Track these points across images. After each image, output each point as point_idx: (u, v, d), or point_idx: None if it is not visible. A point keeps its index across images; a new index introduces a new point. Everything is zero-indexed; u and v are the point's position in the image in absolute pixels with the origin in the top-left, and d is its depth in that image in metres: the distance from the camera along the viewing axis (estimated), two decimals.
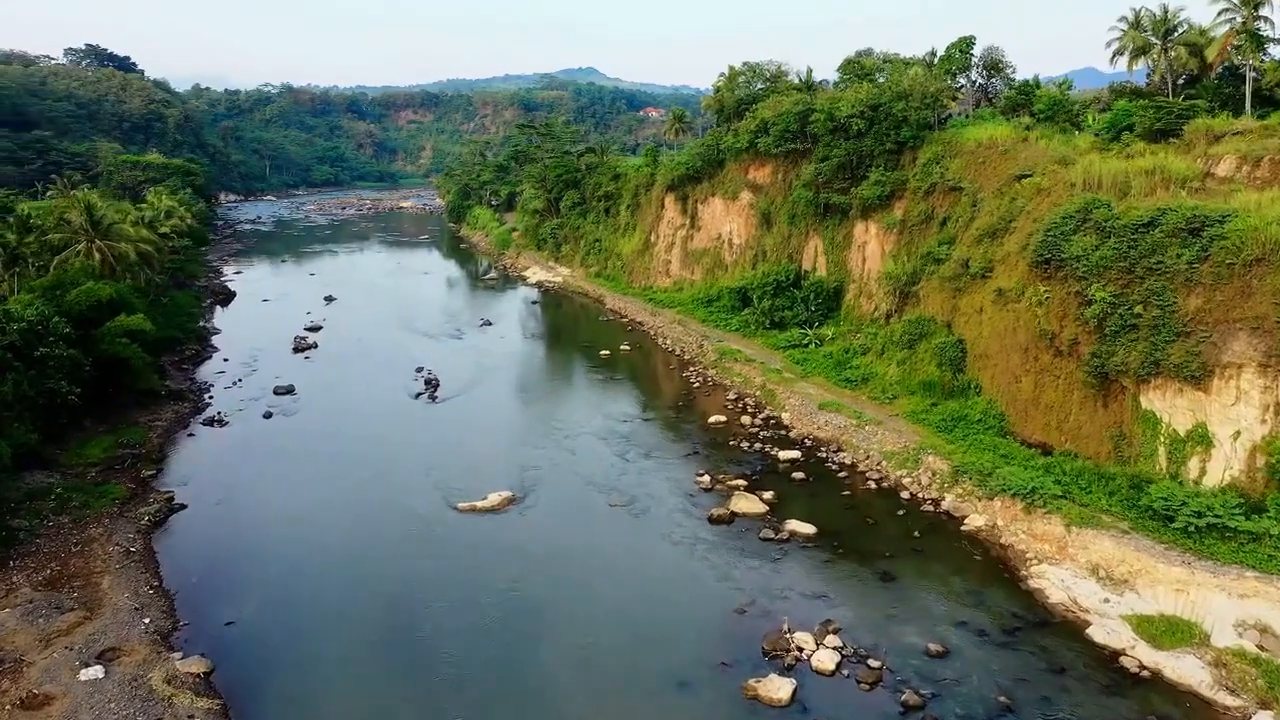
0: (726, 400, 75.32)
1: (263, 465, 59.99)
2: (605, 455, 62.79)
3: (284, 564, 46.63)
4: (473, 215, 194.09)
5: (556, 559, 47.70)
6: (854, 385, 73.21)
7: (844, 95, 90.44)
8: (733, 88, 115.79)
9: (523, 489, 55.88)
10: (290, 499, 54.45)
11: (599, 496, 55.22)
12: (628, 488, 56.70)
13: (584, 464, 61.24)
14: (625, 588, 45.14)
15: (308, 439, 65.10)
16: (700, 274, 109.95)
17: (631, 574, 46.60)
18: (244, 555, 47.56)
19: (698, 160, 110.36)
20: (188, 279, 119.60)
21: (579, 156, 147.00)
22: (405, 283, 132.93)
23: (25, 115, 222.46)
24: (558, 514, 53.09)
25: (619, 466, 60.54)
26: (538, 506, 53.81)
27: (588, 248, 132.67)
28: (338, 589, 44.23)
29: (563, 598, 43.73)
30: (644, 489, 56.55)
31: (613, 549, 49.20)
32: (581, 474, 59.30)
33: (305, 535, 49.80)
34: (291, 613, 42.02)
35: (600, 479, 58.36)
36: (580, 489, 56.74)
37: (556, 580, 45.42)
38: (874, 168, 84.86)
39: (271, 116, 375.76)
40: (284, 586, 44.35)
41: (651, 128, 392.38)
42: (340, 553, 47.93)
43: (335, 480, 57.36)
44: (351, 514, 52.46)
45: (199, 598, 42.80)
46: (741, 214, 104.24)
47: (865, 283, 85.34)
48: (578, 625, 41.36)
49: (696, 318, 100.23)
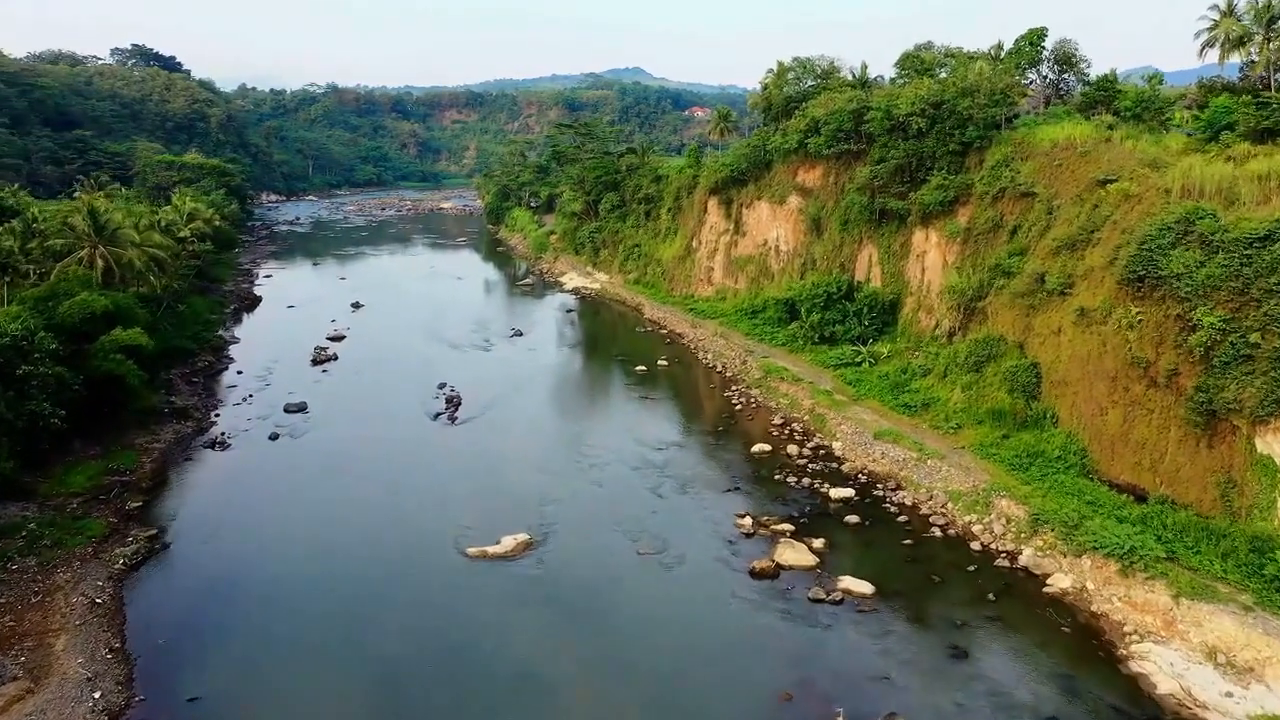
0: (772, 425, 68.82)
1: (259, 499, 54.67)
2: (636, 489, 56.68)
3: (266, 625, 41.09)
4: (511, 217, 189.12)
5: (575, 621, 41.69)
6: (913, 411, 66.29)
7: (902, 92, 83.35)
8: (781, 85, 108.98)
9: (542, 530, 49.91)
10: (284, 542, 49.01)
11: (627, 542, 49.06)
12: (660, 530, 50.50)
13: (612, 499, 55.19)
14: (653, 662, 38.94)
15: (312, 468, 59.76)
16: (744, 283, 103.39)
17: (661, 644, 40.37)
18: (223, 611, 42.07)
19: (743, 161, 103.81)
20: (213, 283, 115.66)
21: (619, 157, 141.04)
22: (437, 288, 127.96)
23: (68, 115, 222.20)
24: (579, 563, 47.04)
25: (651, 503, 54.35)
26: (557, 553, 47.80)
27: (626, 253, 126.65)
28: (325, 658, 38.61)
29: (580, 673, 37.70)
30: (678, 532, 50.31)
31: (640, 610, 43.05)
32: (609, 512, 53.21)
33: (295, 589, 44.27)
34: (268, 688, 36.45)
35: (629, 518, 52.23)
36: (606, 531, 50.64)
37: (573, 650, 39.40)
38: (936, 170, 77.80)
39: (316, 116, 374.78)
40: (263, 653, 38.83)
41: (697, 127, 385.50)
42: (332, 610, 42.30)
43: (335, 519, 51.82)
44: (349, 561, 46.89)
45: (164, 664, 37.40)
46: (789, 219, 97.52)
47: (924, 296, 78.24)
48: (596, 711, 35.30)
49: (740, 330, 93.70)
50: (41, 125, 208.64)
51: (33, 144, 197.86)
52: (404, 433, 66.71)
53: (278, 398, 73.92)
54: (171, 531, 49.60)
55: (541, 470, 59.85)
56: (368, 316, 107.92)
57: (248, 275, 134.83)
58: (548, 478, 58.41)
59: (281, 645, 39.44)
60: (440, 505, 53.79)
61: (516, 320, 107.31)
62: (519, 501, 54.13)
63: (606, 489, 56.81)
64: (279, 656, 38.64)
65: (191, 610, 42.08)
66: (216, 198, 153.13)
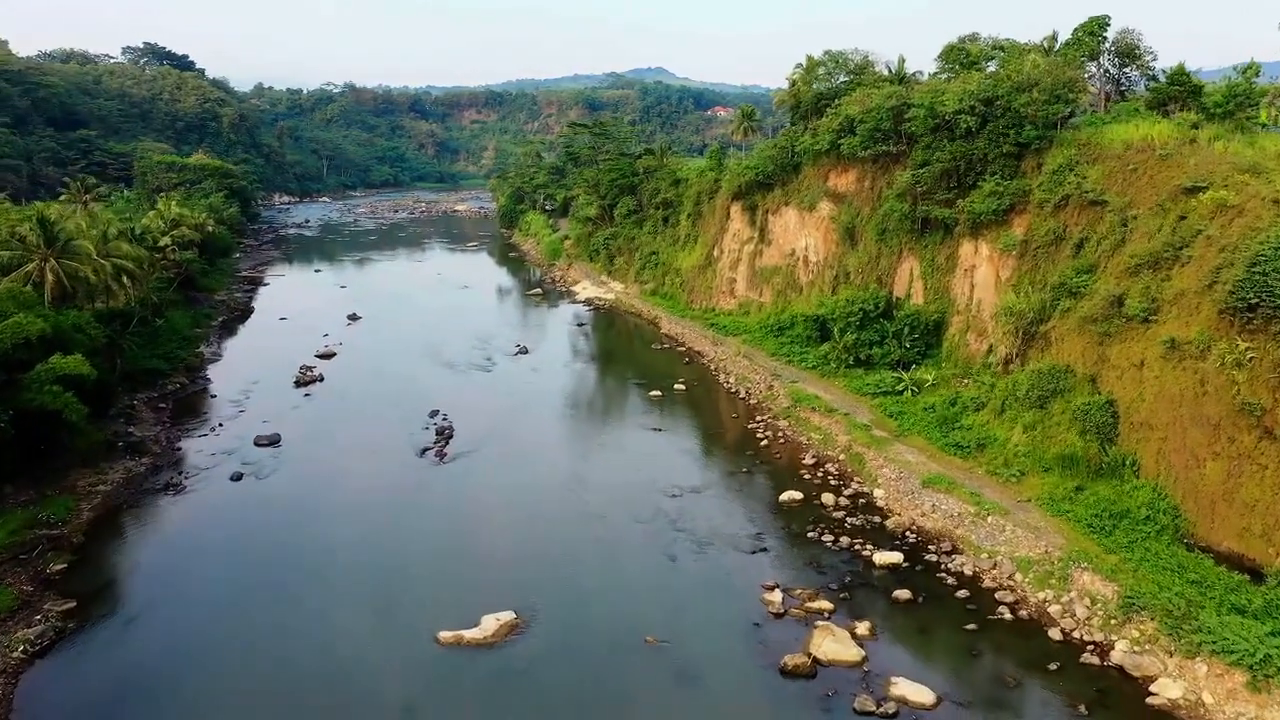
0: (802, 465, 60.45)
1: (203, 563, 46.71)
2: (646, 548, 48.49)
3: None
4: (525, 221, 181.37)
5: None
6: (966, 453, 57.71)
7: (948, 87, 74.75)
8: (811, 81, 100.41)
9: (530, 606, 41.77)
10: (222, 622, 41.05)
11: (632, 624, 40.82)
12: (673, 607, 42.33)
13: (616, 564, 47.09)
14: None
15: (272, 519, 51.89)
16: (770, 296, 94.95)
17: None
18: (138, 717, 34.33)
19: (769, 164, 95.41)
20: (202, 293, 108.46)
21: (636, 159, 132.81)
22: (441, 298, 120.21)
23: (75, 114, 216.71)
24: (572, 656, 38.82)
25: (662, 570, 46.14)
26: (546, 640, 39.65)
27: (643, 261, 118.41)
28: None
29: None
30: (694, 611, 42.11)
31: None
32: (612, 582, 45.11)
33: (227, 688, 36.35)
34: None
35: (636, 590, 44.18)
36: (608, 609, 42.49)
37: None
38: (988, 175, 69.23)
39: (333, 116, 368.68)
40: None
41: (720, 128, 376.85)
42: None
43: (288, 592, 43.86)
44: (298, 651, 38.97)
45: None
46: (819, 227, 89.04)
47: (974, 316, 69.64)
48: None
49: (765, 350, 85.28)
50: (45, 125, 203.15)
51: (35, 144, 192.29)
52: (384, 473, 58.77)
53: (250, 427, 66.28)
54: (94, 605, 41.88)
55: (536, 523, 51.73)
56: (363, 330, 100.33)
57: (245, 283, 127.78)
58: (542, 533, 50.30)
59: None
60: (415, 572, 45.76)
61: (523, 334, 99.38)
62: (506, 566, 46.13)
63: (610, 549, 48.67)
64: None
65: (98, 716, 34.33)
66: (215, 201, 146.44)
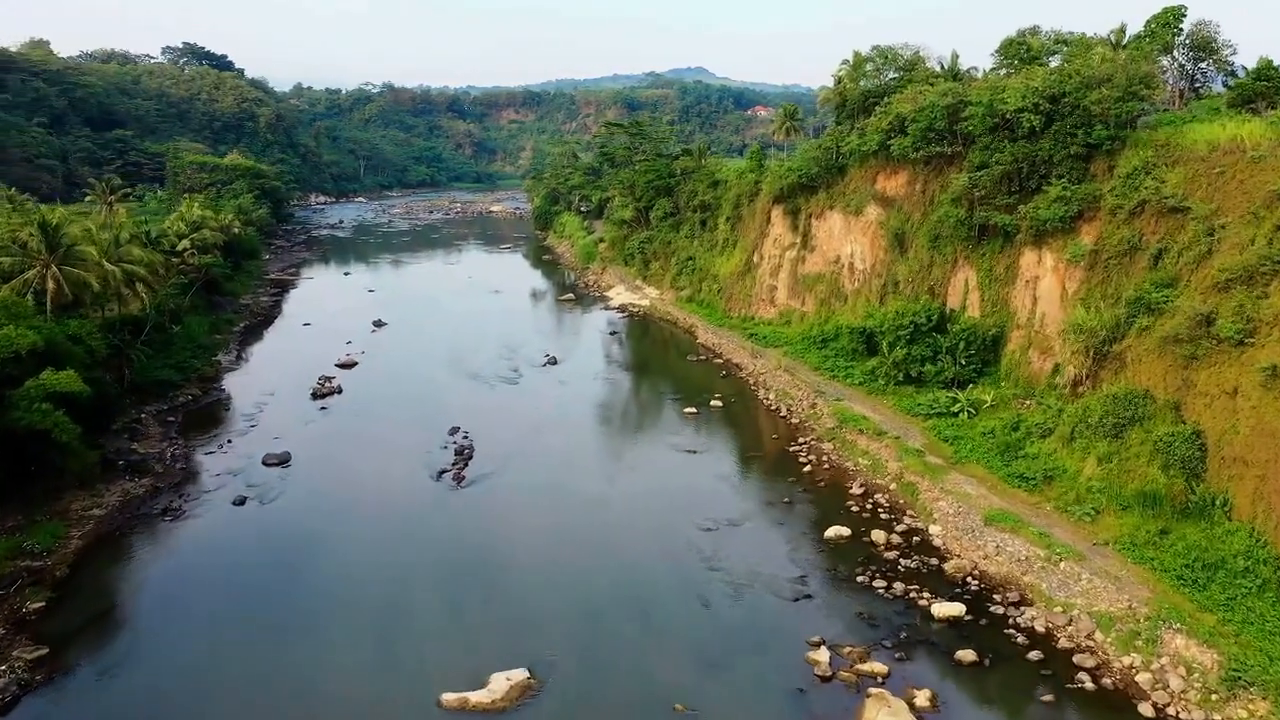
0: (850, 494, 55.47)
1: (192, 602, 42.80)
2: (676, 592, 43.89)
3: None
4: (559, 223, 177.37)
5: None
6: (1031, 485, 52.40)
7: (1009, 83, 69.29)
8: (858, 77, 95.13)
9: (546, 662, 37.36)
10: (203, 674, 37.09)
11: (660, 687, 36.24)
12: (706, 666, 37.70)
13: (644, 610, 42.47)
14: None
15: (271, 552, 48.00)
16: (812, 305, 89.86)
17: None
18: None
19: (812, 166, 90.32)
20: (226, 298, 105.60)
21: (673, 160, 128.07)
22: (470, 303, 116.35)
23: (112, 114, 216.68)
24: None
25: (695, 619, 41.51)
26: (561, 704, 35.18)
27: (679, 266, 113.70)
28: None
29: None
30: (730, 671, 37.46)
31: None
32: (639, 633, 40.57)
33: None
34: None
35: (666, 644, 39.62)
36: (633, 666, 37.99)
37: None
38: (1053, 179, 63.72)
39: (371, 116, 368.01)
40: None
41: (760, 127, 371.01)
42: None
43: (280, 638, 39.87)
44: (281, 713, 34.85)
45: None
46: (866, 233, 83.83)
47: (1037, 331, 64.18)
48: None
49: (808, 363, 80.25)
50: (82, 125, 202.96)
51: (71, 144, 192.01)
52: (396, 499, 54.71)
53: (260, 444, 62.65)
54: (68, 652, 38.10)
55: (556, 560, 47.27)
56: (387, 337, 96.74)
57: (272, 286, 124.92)
58: (563, 573, 45.84)
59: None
60: (420, 619, 41.53)
61: (553, 342, 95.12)
62: (521, 612, 41.78)
63: (638, 593, 44.08)
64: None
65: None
66: (245, 202, 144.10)
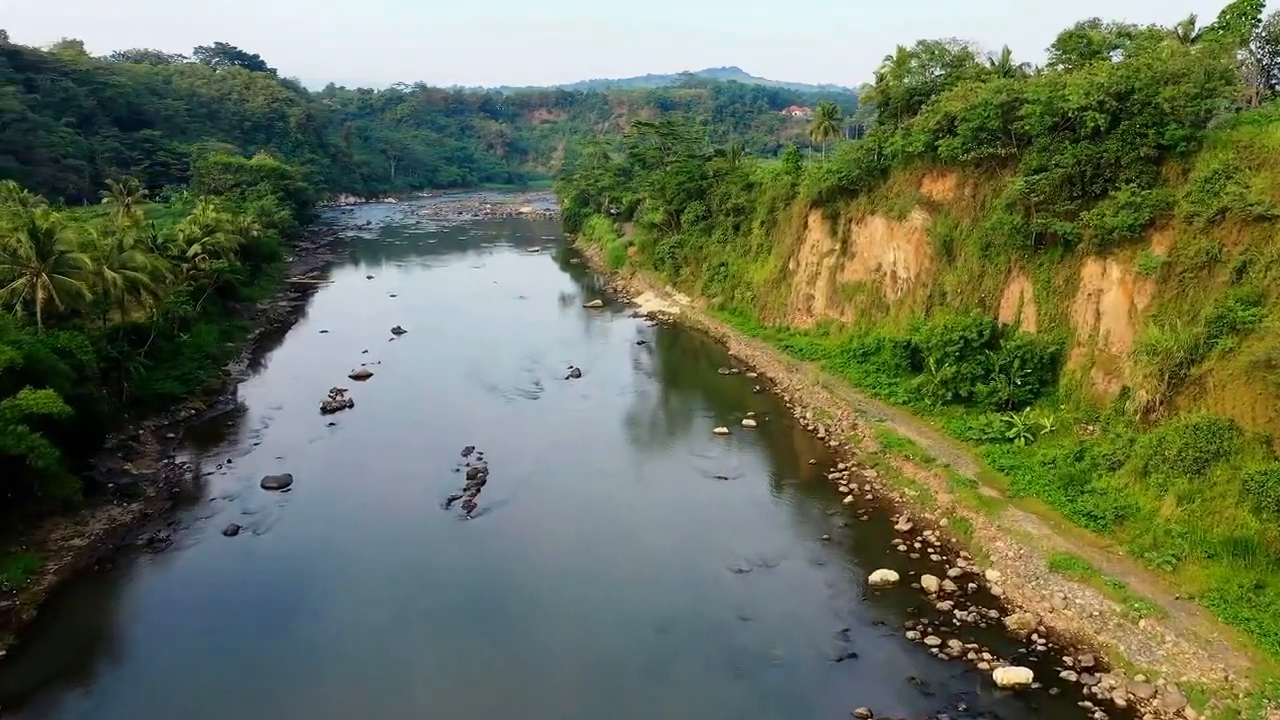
0: (896, 530, 50.45)
1: (162, 654, 38.66)
2: (705, 649, 39.15)
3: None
4: (589, 225, 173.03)
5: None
6: (1100, 525, 47.11)
7: (1070, 80, 63.81)
8: (902, 74, 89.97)
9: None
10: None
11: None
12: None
13: (667, 673, 37.75)
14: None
15: (257, 593, 43.86)
16: (852, 315, 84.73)
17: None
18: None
19: (853, 168, 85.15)
20: (242, 303, 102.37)
21: (705, 161, 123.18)
22: (494, 309, 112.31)
23: (141, 114, 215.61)
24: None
25: (725, 685, 36.74)
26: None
27: (711, 272, 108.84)
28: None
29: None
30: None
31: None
32: (660, 699, 35.93)
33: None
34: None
35: (693, 712, 34.94)
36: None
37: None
38: (1120, 183, 58.30)
39: (403, 116, 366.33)
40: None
41: (795, 127, 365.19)
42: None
43: (250, 704, 35.65)
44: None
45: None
46: (911, 239, 78.63)
47: (1101, 350, 58.74)
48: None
49: (847, 378, 75.24)
50: (111, 124, 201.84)
51: (99, 144, 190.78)
52: (400, 531, 50.41)
53: (261, 464, 58.82)
54: (22, 715, 34.13)
55: (570, 610, 42.67)
56: (406, 346, 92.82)
57: (292, 290, 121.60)
58: (576, 625, 41.26)
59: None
60: (417, 678, 37.16)
61: (577, 353, 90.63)
62: (526, 672, 37.33)
63: (660, 647, 39.38)
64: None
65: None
66: (267, 203, 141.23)
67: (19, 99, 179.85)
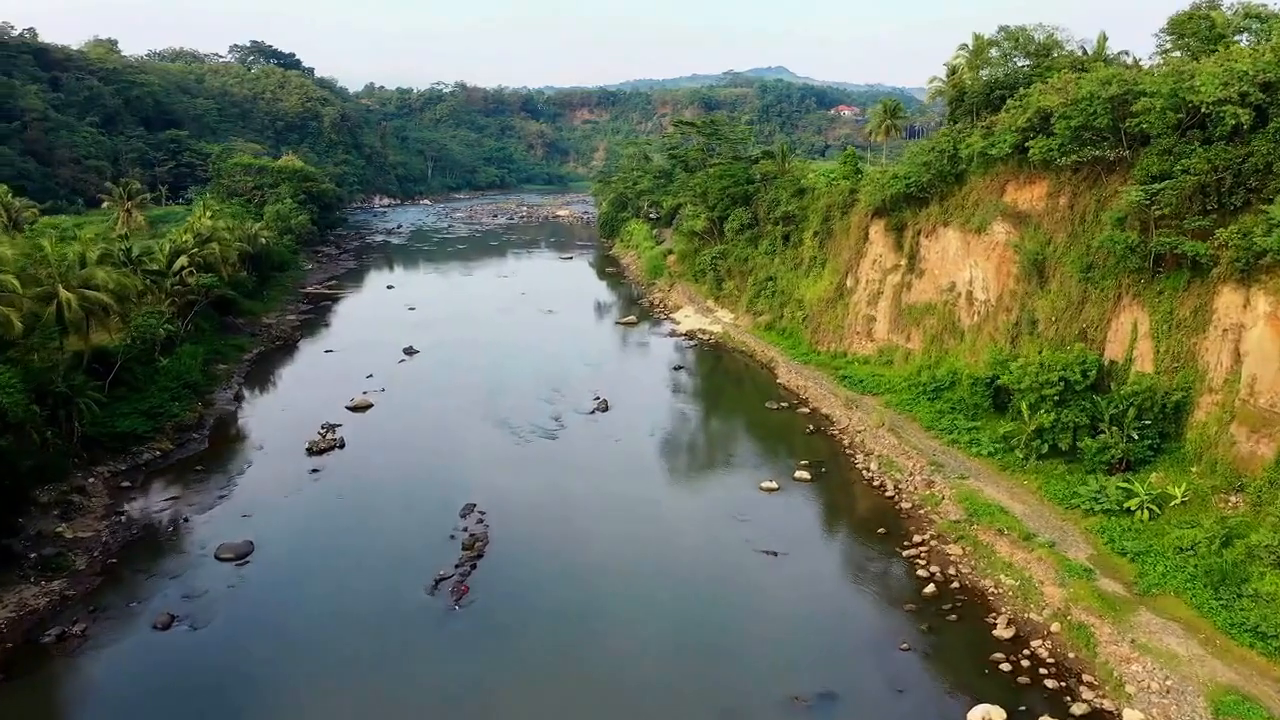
0: (996, 639, 39.60)
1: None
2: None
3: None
4: (626, 231, 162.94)
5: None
6: (1273, 647, 35.96)
7: (1200, 68, 52.50)
8: (979, 65, 78.97)
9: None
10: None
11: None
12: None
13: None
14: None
15: (179, 713, 34.35)
16: (919, 342, 73.78)
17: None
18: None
19: (924, 172, 74.10)
20: (244, 318, 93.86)
21: (752, 163, 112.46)
22: (519, 325, 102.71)
23: (170, 114, 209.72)
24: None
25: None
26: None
27: (757, 287, 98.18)
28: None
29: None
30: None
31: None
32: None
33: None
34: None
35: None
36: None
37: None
38: (1272, 193, 46.95)
39: (442, 116, 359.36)
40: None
41: (843, 127, 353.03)
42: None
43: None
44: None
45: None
46: (991, 256, 67.63)
47: (1244, 400, 47.34)
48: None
49: (918, 419, 64.48)
50: (137, 124, 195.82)
51: (123, 144, 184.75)
52: (372, 625, 40.47)
53: (224, 524, 49.60)
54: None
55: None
56: (415, 370, 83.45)
57: (306, 301, 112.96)
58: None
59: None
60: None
61: (607, 379, 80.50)
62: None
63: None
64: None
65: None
66: (284, 207, 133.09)
67: (41, 97, 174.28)
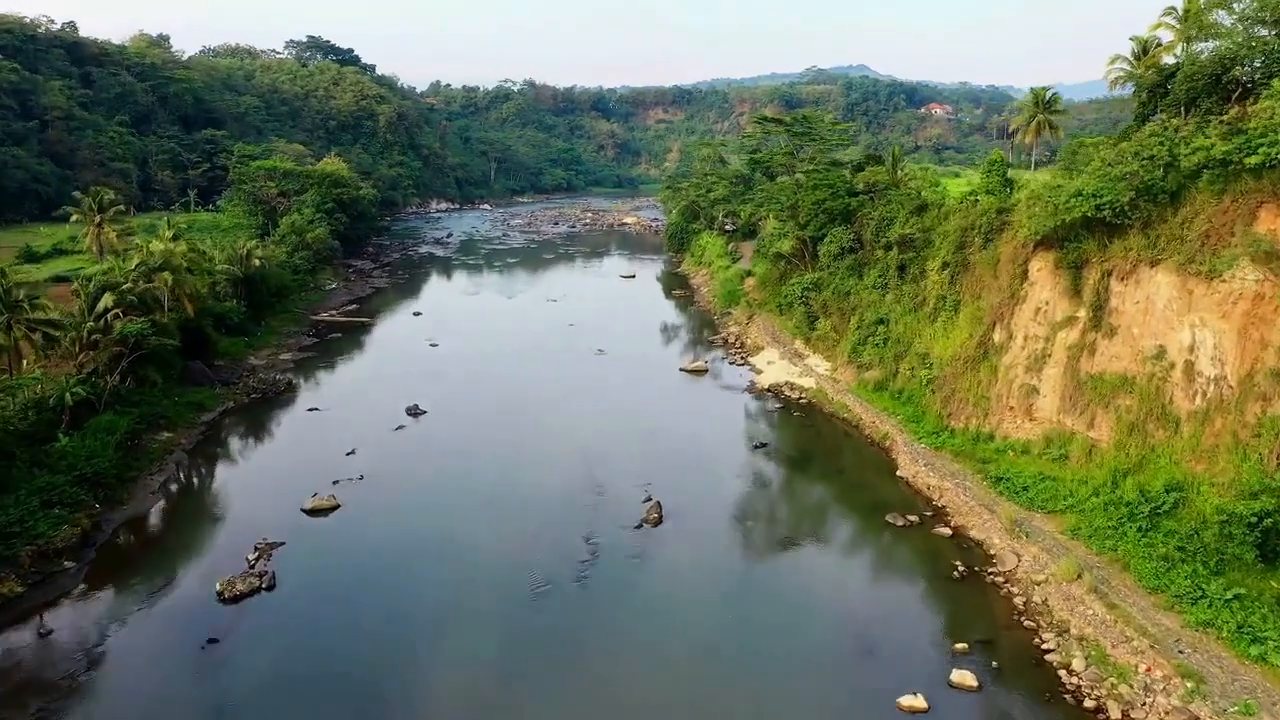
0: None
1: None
2: None
3: None
4: (697, 245, 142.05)
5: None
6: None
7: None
8: (1192, 37, 56.45)
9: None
10: None
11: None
12: None
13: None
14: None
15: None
16: (1109, 429, 51.43)
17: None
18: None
19: (1119, 190, 51.74)
20: (220, 361, 75.81)
21: (854, 170, 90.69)
22: (558, 373, 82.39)
23: (212, 112, 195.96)
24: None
25: None
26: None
27: (864, 331, 76.30)
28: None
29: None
30: None
31: None
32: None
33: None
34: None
35: None
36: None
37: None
38: None
39: (508, 115, 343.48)
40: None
41: (935, 126, 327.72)
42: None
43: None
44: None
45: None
46: (1233, 313, 45.26)
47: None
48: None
49: (1130, 567, 42.45)
50: (172, 123, 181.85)
51: (154, 145, 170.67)
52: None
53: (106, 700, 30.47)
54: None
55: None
56: (412, 443, 63.73)
57: (311, 332, 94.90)
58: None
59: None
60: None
61: (663, 466, 59.73)
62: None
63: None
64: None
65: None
66: (298, 219, 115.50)
67: (67, 94, 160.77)
